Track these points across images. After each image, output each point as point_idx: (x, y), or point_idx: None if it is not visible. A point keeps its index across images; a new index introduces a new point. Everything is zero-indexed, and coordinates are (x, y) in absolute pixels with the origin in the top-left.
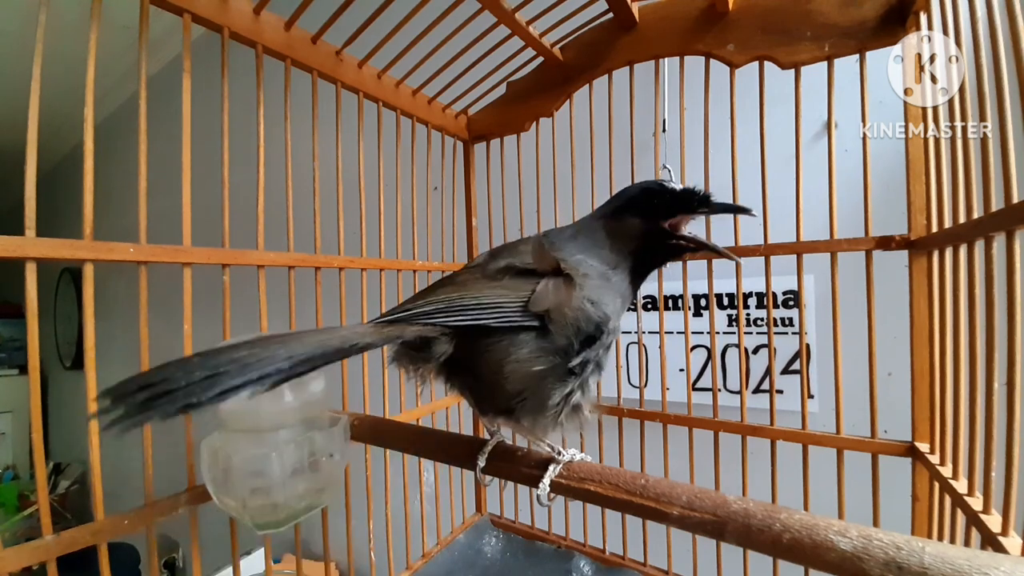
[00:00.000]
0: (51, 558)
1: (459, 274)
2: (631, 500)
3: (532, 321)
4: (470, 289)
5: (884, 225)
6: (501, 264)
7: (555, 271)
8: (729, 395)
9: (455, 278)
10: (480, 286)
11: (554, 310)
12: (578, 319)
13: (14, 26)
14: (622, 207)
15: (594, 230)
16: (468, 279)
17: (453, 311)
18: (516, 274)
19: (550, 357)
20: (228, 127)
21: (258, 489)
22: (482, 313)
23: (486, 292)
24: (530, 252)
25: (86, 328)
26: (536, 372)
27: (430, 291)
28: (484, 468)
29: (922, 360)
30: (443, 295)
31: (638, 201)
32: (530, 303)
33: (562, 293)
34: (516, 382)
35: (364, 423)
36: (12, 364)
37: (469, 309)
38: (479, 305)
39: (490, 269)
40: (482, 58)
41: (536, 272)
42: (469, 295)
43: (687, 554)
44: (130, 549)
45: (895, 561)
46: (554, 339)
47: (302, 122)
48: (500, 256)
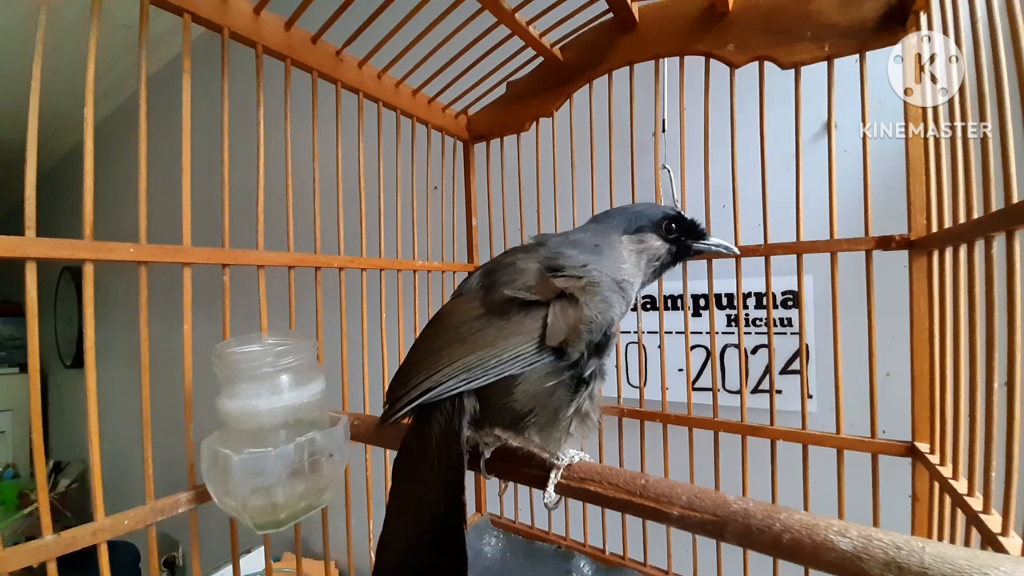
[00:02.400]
0: (51, 558)
1: (457, 315)
2: (631, 500)
3: (550, 356)
4: (481, 344)
5: (884, 225)
6: (504, 295)
7: (559, 295)
8: (729, 395)
9: (458, 327)
10: (491, 337)
11: (570, 335)
12: (590, 331)
13: (14, 25)
14: (645, 226)
15: (614, 244)
16: (472, 328)
17: (475, 377)
18: (520, 307)
19: (560, 371)
20: (228, 127)
21: (258, 489)
22: (504, 367)
23: (500, 345)
24: (530, 275)
25: (86, 328)
26: (547, 389)
27: (432, 351)
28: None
29: (922, 360)
30: (456, 359)
31: (662, 224)
32: (547, 338)
33: (571, 315)
34: (527, 402)
35: (364, 423)
36: (12, 363)
37: (490, 369)
38: (499, 362)
39: (493, 300)
40: (482, 58)
41: (540, 302)
42: (486, 354)
43: (687, 554)
44: (130, 548)
45: (895, 561)
46: (568, 355)
47: (302, 122)
48: (497, 279)
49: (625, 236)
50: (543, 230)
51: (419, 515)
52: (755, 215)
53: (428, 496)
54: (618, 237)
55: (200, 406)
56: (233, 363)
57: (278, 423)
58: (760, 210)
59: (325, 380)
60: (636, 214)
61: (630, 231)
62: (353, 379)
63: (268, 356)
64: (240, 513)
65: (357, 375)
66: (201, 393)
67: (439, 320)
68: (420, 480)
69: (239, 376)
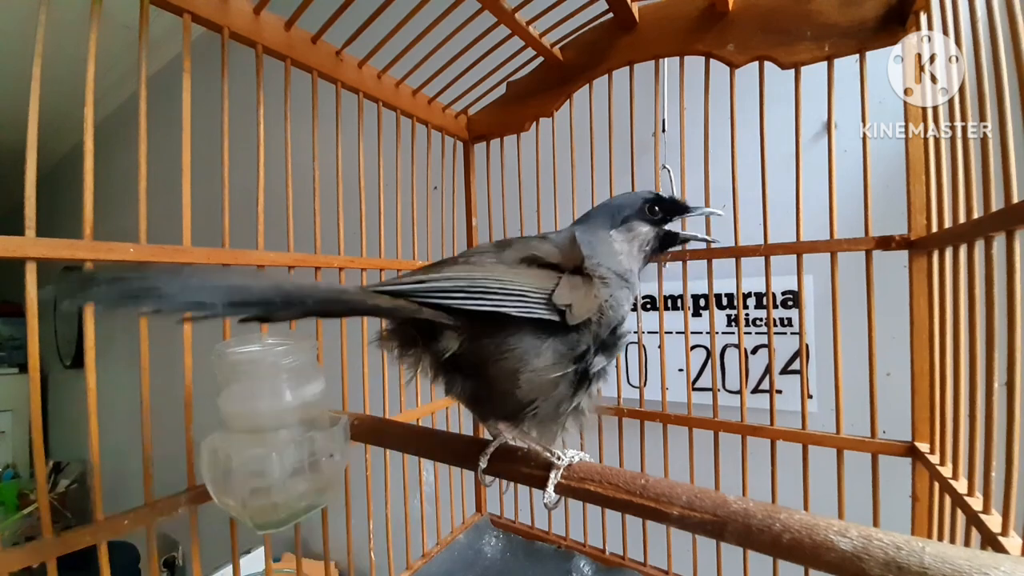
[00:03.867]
0: (51, 558)
1: (469, 256)
2: (631, 500)
3: (554, 315)
4: (491, 271)
5: (884, 225)
6: (519, 255)
7: (577, 269)
8: (729, 395)
9: (468, 258)
10: (502, 270)
11: (576, 306)
12: (600, 322)
13: (14, 25)
14: (630, 216)
15: (605, 240)
16: (483, 262)
17: (474, 293)
18: (539, 267)
19: (566, 363)
20: (228, 127)
21: (258, 489)
22: (506, 300)
23: (510, 276)
24: (550, 247)
25: (86, 328)
26: (552, 380)
27: (441, 265)
28: (485, 469)
29: (922, 360)
30: (462, 271)
31: (644, 209)
32: (554, 296)
33: (582, 292)
34: (531, 391)
35: (364, 423)
36: (12, 363)
37: (492, 293)
38: (503, 290)
39: (507, 258)
40: (482, 58)
41: (558, 268)
42: (492, 276)
43: (687, 554)
44: (130, 548)
45: (895, 561)
46: (573, 344)
47: (302, 122)
48: (513, 248)
49: (614, 231)
50: (543, 230)
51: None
52: (755, 215)
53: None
54: (606, 233)
55: (200, 406)
56: (233, 363)
57: (278, 423)
58: (760, 210)
59: (325, 380)
60: (618, 207)
61: (616, 224)
62: (353, 379)
63: (268, 356)
64: (240, 513)
65: (357, 375)
66: (201, 393)
67: (445, 260)
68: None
69: (239, 376)
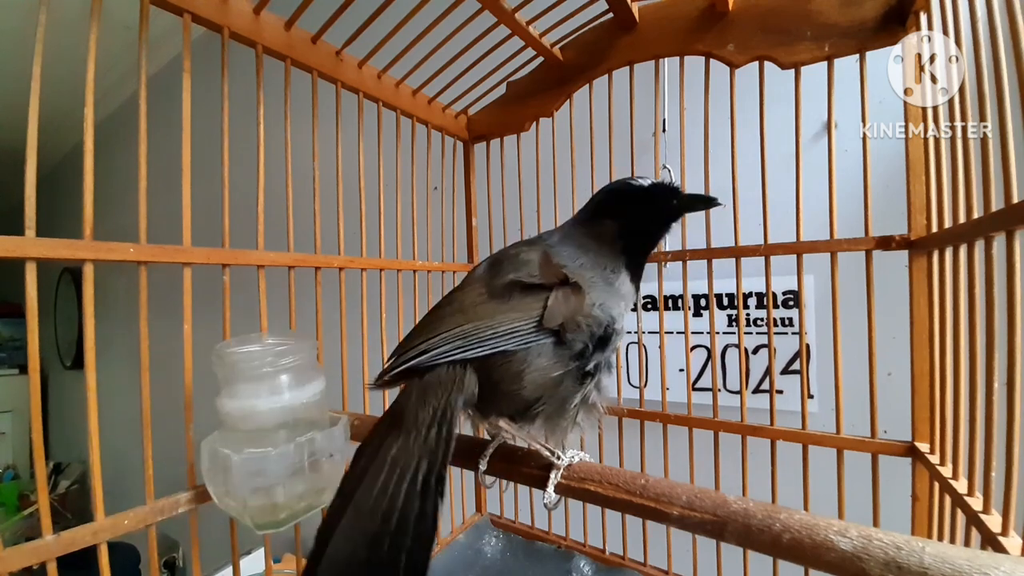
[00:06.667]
0: (51, 558)
1: (463, 293)
2: (631, 500)
3: (548, 338)
4: (481, 315)
5: (884, 225)
6: (506, 280)
7: (562, 281)
8: (729, 395)
9: (462, 301)
10: (490, 310)
11: (568, 321)
12: (591, 324)
13: (14, 25)
14: (595, 212)
15: (576, 236)
16: (475, 301)
17: (471, 346)
18: (523, 290)
19: (567, 362)
20: (228, 127)
21: (258, 489)
22: (499, 341)
23: (498, 319)
24: (534, 264)
25: (86, 328)
26: (555, 378)
27: (436, 319)
28: (485, 470)
29: (922, 360)
30: (455, 326)
31: (607, 204)
32: (544, 319)
33: (572, 303)
34: (536, 389)
35: (364, 423)
36: (12, 364)
37: (486, 340)
38: (495, 335)
39: (495, 285)
40: (482, 58)
41: (543, 285)
42: (483, 324)
43: (687, 554)
44: (130, 549)
45: (895, 561)
46: (570, 345)
47: (302, 122)
48: (501, 268)
49: (581, 235)
50: (543, 230)
51: (388, 482)
52: (755, 215)
53: (406, 462)
54: (580, 238)
55: (200, 406)
56: (233, 363)
57: (278, 423)
58: (760, 210)
59: (325, 380)
60: (585, 208)
61: (584, 227)
62: (353, 379)
63: (268, 356)
64: (240, 513)
65: (357, 375)
66: (201, 393)
67: (446, 298)
68: (401, 447)
69: (239, 376)
